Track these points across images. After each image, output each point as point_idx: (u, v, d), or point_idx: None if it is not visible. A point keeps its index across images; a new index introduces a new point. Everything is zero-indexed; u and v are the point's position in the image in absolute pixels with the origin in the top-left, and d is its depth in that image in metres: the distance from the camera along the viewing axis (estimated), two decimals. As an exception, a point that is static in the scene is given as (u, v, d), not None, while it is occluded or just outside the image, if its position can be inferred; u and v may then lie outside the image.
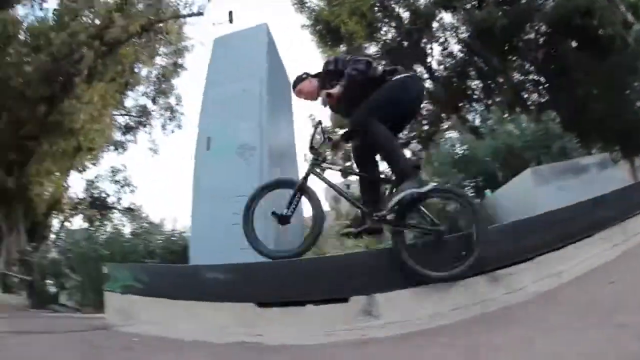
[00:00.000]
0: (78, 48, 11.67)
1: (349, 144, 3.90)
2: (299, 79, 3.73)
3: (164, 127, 19.68)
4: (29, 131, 12.22)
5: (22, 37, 12.77)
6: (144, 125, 19.79)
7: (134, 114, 19.63)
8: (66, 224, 21.97)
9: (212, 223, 6.13)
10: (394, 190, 3.19)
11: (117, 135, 19.50)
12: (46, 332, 4.43)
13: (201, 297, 4.61)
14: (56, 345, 3.73)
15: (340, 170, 3.90)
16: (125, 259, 9.01)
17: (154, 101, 18.95)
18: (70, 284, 10.66)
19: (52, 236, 22.39)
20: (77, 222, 21.83)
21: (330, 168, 3.68)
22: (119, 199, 22.57)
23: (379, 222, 3.29)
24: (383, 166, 3.80)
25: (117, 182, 22.45)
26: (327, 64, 3.54)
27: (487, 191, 8.12)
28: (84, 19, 13.21)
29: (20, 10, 13.35)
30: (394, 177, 3.26)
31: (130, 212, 19.49)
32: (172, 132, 19.74)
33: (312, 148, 3.62)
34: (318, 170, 3.55)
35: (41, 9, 13.84)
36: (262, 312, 4.16)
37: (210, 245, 5.90)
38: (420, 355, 2.64)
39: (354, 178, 4.37)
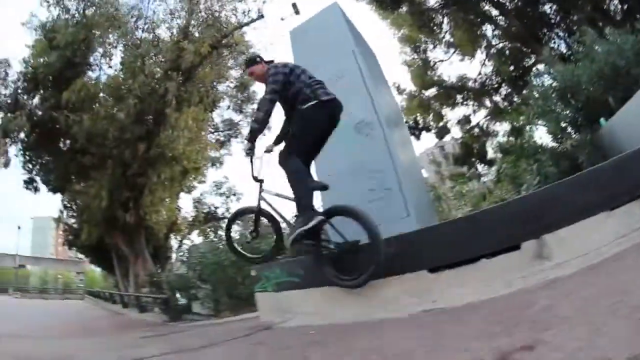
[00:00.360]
0: (159, 84, 12.72)
1: None
2: (253, 62, 4.15)
3: None
4: (135, 169, 13.65)
5: (103, 94, 14.14)
6: (235, 137, 20.81)
7: (222, 129, 20.75)
8: (184, 242, 23.99)
9: (348, 203, 6.09)
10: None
11: (213, 153, 20.50)
12: (213, 344, 4.41)
13: None
14: (238, 354, 3.85)
15: (277, 195, 4.24)
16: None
17: (240, 111, 19.77)
18: (201, 294, 11.73)
19: (174, 255, 24.79)
20: (194, 238, 23.50)
21: (277, 195, 4.17)
22: (228, 209, 23.47)
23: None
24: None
25: (222, 194, 23.66)
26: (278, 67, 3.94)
27: (602, 120, 7.39)
28: (153, 58, 14.23)
29: (91, 74, 14.97)
30: None
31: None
32: (264, 135, 20.22)
33: (255, 178, 4.07)
34: (265, 196, 4.10)
35: (110, 67, 15.39)
36: (435, 278, 4.20)
37: (348, 226, 5.92)
38: (616, 279, 2.54)
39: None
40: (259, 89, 19.48)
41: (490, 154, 19.15)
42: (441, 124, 20.05)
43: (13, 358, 4.50)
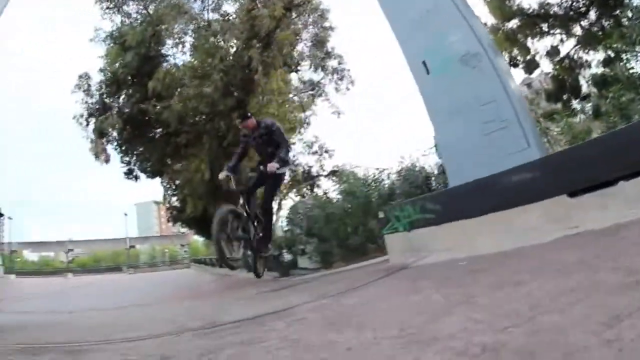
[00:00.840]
0: (241, 54, 12.97)
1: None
2: (247, 117, 5.74)
3: (337, 89, 20.12)
4: (231, 139, 13.94)
5: (186, 76, 14.64)
6: (319, 95, 20.92)
7: (304, 90, 20.89)
8: (283, 202, 25.18)
9: (463, 138, 6.11)
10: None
11: (299, 114, 20.47)
12: (352, 288, 4.26)
13: (506, 204, 4.85)
14: (388, 293, 3.75)
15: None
16: (369, 208, 9.75)
17: (322, 68, 19.72)
18: (309, 248, 12.35)
19: (274, 216, 26.27)
20: (293, 198, 24.15)
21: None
22: (321, 166, 23.74)
23: None
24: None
25: (314, 153, 23.65)
26: (272, 126, 5.54)
27: None
28: (227, 34, 14.36)
29: (167, 65, 15.49)
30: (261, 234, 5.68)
31: (335, 174, 19.98)
32: (348, 89, 20.01)
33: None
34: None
35: (184, 53, 15.84)
36: (575, 202, 4.25)
37: (468, 161, 5.91)
38: None
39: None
40: (336, 45, 19.10)
41: (584, 88, 17.51)
42: (529, 57, 18.35)
43: (149, 320, 4.82)
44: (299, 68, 18.31)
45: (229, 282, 13.46)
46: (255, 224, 5.64)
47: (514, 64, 18.26)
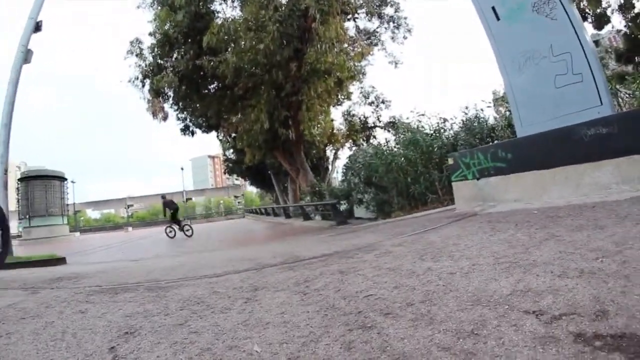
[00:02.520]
0: (296, 3, 12.73)
1: None
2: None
3: (393, 39, 19.61)
4: (289, 89, 14.30)
5: (240, 29, 14.70)
6: (375, 45, 20.45)
7: (360, 39, 20.47)
8: (339, 152, 25.59)
9: (533, 90, 5.93)
10: None
11: (355, 63, 20.28)
12: (427, 229, 4.52)
13: (578, 159, 4.85)
14: (467, 232, 3.74)
15: None
16: (430, 159, 9.62)
17: (379, 16, 19.17)
18: (366, 197, 12.52)
19: (330, 166, 26.80)
20: (349, 149, 24.71)
21: None
22: (378, 117, 23.82)
23: None
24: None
25: (371, 103, 23.65)
26: None
27: None
28: None
29: (218, 21, 15.32)
30: None
31: (392, 125, 20.31)
32: (405, 38, 19.37)
33: None
34: None
35: (234, 8, 15.67)
36: None
37: (538, 114, 5.78)
38: None
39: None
40: None
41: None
42: (599, 10, 16.58)
43: (220, 261, 5.01)
44: (356, 15, 17.71)
45: (287, 229, 14.19)
46: None
47: (583, 17, 16.69)
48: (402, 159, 10.78)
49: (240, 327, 1.79)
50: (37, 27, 10.29)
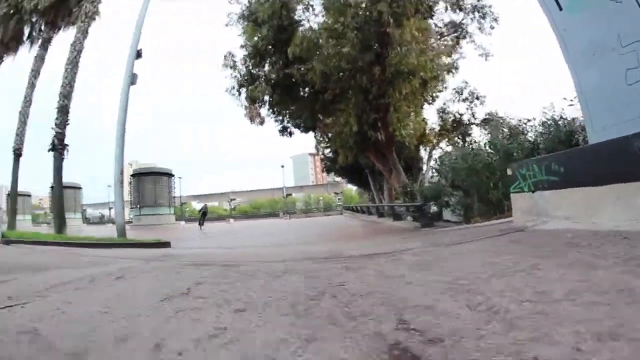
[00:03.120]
0: (370, 10, 13.45)
1: None
2: None
3: (480, 29, 19.26)
4: (375, 92, 15.03)
5: (322, 38, 15.69)
6: (463, 37, 20.25)
7: (447, 32, 20.38)
8: (434, 152, 25.16)
9: (603, 88, 5.41)
10: None
11: (446, 59, 19.81)
12: (466, 241, 5.09)
13: (633, 176, 4.22)
14: (490, 246, 4.29)
15: None
16: (510, 162, 8.81)
17: (459, 8, 18.95)
18: (452, 200, 12.67)
19: (425, 166, 26.89)
20: (444, 147, 24.30)
21: None
22: (473, 114, 23.43)
23: None
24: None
25: (465, 100, 23.30)
26: None
27: None
28: None
29: (302, 29, 16.41)
30: None
31: (487, 122, 19.88)
32: (492, 27, 18.68)
33: None
34: None
35: (315, 16, 16.68)
36: None
37: (610, 114, 5.22)
38: None
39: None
40: None
41: None
42: None
43: (288, 253, 5.99)
44: (433, 13, 17.77)
45: (377, 228, 15.17)
46: None
47: None
48: (484, 161, 10.74)
49: (261, 288, 2.94)
50: (139, 54, 12.44)
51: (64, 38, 16.42)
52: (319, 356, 1.51)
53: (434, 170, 17.52)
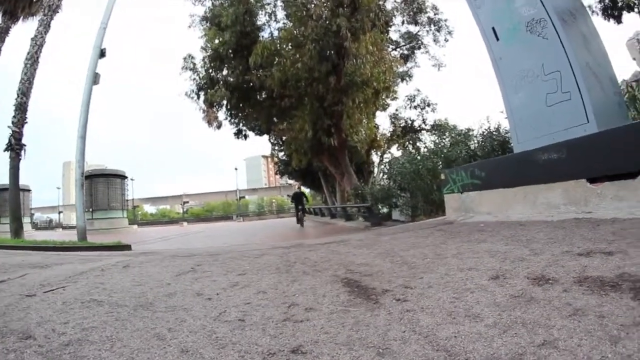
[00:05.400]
0: (330, 22, 14.68)
1: None
2: None
3: (435, 40, 21.13)
4: (330, 100, 16.37)
5: (282, 46, 16.82)
6: (418, 48, 21.75)
7: (403, 43, 21.87)
8: (384, 156, 26.99)
9: (528, 108, 6.51)
10: None
11: (400, 68, 21.69)
12: (405, 231, 6.36)
13: (535, 180, 5.65)
14: (420, 234, 5.51)
15: None
16: (450, 166, 10.34)
17: (415, 22, 20.39)
18: (400, 202, 14.19)
19: (375, 169, 28.52)
20: (394, 152, 26.52)
21: None
22: (424, 120, 25.31)
23: None
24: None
25: (416, 107, 25.24)
26: None
27: None
28: (314, 1, 15.97)
29: (264, 34, 17.90)
30: None
31: (438, 128, 21.15)
32: (446, 40, 20.97)
33: None
34: None
35: (277, 22, 18.03)
36: (593, 189, 4.68)
37: (532, 130, 6.37)
38: None
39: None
40: None
41: None
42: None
43: (255, 244, 6.66)
44: (390, 26, 19.26)
45: (329, 228, 16.49)
46: None
47: (628, 6, 16.64)
48: (426, 167, 12.31)
49: (249, 263, 4.05)
50: (102, 54, 12.54)
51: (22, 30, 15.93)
52: (302, 285, 2.74)
53: (383, 174, 18.89)
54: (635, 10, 16.53)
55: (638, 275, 1.99)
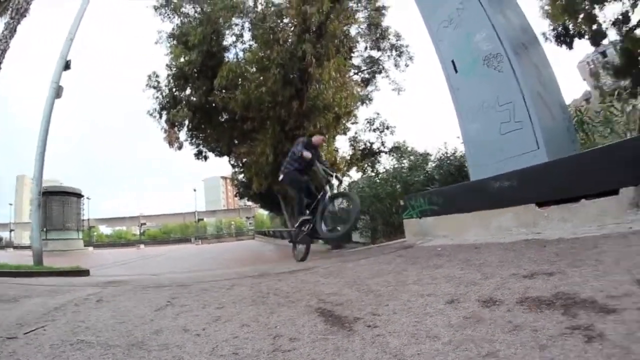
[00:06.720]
0: (296, 48, 15.29)
1: None
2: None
3: (396, 65, 21.94)
4: (292, 124, 16.91)
5: (247, 69, 17.25)
6: (379, 72, 22.64)
7: (364, 67, 22.71)
8: (344, 179, 27.33)
9: (483, 136, 6.96)
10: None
11: (361, 91, 22.62)
12: (367, 257, 6.68)
13: (488, 205, 6.13)
14: (382, 260, 5.89)
15: None
16: (408, 191, 11.28)
17: (378, 48, 21.39)
18: (360, 224, 14.55)
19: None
20: (353, 175, 26.49)
21: None
22: (382, 143, 26.03)
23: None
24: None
25: (375, 129, 25.95)
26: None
27: None
28: (280, 25, 16.56)
29: (230, 56, 18.39)
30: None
31: (397, 150, 21.64)
32: (407, 65, 21.92)
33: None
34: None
35: (243, 43, 18.57)
36: (541, 212, 5.13)
37: (487, 158, 6.82)
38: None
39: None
40: (391, 25, 20.96)
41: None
42: (594, 27, 18.03)
43: (223, 274, 6.60)
44: (353, 52, 20.14)
45: (290, 252, 16.39)
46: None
47: (579, 34, 18.19)
48: (387, 191, 12.90)
49: (223, 295, 4.31)
50: (67, 66, 12.17)
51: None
52: (280, 317, 3.06)
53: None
54: (586, 37, 18.00)
55: (569, 293, 2.39)
